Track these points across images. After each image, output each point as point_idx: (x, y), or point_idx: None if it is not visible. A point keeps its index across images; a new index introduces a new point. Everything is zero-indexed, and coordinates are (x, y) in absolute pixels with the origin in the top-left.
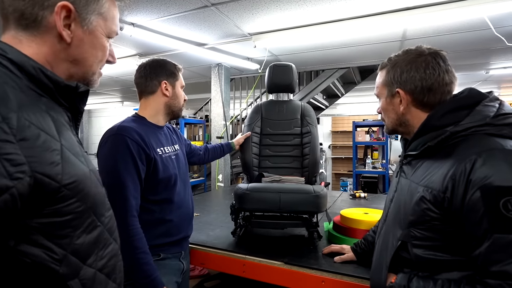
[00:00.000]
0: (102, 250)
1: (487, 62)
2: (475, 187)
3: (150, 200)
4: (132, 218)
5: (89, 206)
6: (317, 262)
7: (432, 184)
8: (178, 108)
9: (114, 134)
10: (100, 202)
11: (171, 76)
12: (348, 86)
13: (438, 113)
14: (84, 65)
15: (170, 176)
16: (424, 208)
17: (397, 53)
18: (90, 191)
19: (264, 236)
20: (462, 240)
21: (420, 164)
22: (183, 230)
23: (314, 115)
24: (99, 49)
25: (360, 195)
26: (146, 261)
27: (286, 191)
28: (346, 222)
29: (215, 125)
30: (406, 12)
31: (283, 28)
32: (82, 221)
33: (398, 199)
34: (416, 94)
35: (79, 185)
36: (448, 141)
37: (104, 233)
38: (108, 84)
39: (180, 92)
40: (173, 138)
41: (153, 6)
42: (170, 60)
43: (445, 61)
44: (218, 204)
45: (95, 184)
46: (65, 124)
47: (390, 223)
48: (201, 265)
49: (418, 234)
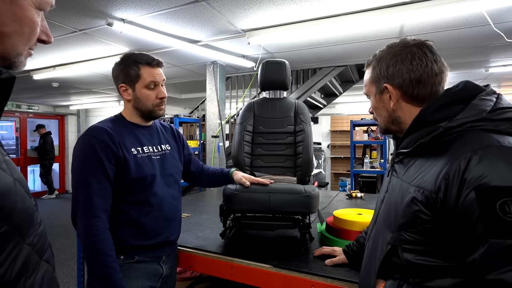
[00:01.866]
0: (31, 277)
1: (487, 60)
2: (470, 187)
3: (125, 200)
4: (95, 218)
5: (14, 226)
6: (307, 265)
7: (424, 184)
8: (146, 110)
9: (84, 135)
10: (28, 219)
11: (127, 79)
12: (346, 84)
13: (431, 108)
14: (4, 42)
15: (145, 177)
16: (416, 210)
17: (382, 48)
18: (15, 208)
19: (254, 238)
20: (455, 244)
21: (412, 163)
22: (162, 234)
23: (308, 113)
24: (24, 24)
25: (356, 195)
26: (105, 264)
27: (275, 191)
28: (339, 223)
29: (211, 124)
30: (403, 7)
31: (277, 24)
32: (4, 245)
33: (389, 200)
34: (405, 88)
35: (0, 201)
36: (442, 137)
37: (33, 257)
38: (103, 83)
39: (144, 93)
40: (165, 138)
41: (143, 1)
42: (135, 58)
43: (433, 51)
44: (211, 204)
45: (22, 197)
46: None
47: (380, 226)
48: (188, 268)
49: (409, 238)
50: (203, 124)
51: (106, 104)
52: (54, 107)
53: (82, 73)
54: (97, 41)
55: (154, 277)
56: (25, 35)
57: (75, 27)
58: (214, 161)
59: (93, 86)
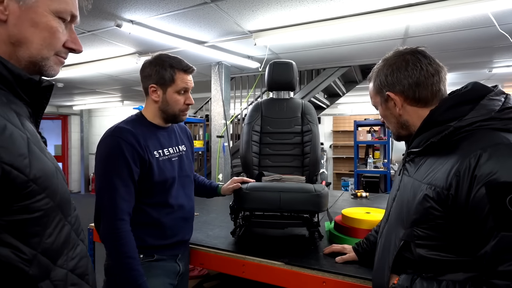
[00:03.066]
0: (71, 250)
1: (490, 61)
2: (480, 183)
3: (145, 202)
4: (120, 221)
5: (57, 204)
6: (318, 263)
7: (435, 182)
8: (171, 114)
9: (109, 136)
10: (67, 201)
11: (160, 82)
12: (349, 85)
13: (441, 108)
14: (29, 47)
15: (166, 180)
16: (428, 207)
17: (377, 63)
18: (57, 188)
19: (263, 236)
20: (467, 239)
21: (423, 161)
22: (178, 234)
23: (315, 113)
24: (42, 28)
25: (361, 195)
26: (131, 267)
27: (286, 190)
28: (348, 221)
29: (215, 124)
30: (408, 9)
31: (284, 25)
32: (51, 219)
33: (401, 197)
34: (406, 92)
35: (46, 180)
36: (452, 136)
37: (72, 233)
38: (108, 83)
39: (173, 97)
40: (181, 138)
41: (152, 3)
42: (171, 62)
43: (425, 55)
44: (218, 203)
45: (62, 182)
46: (27, 119)
47: (393, 223)
48: (200, 265)
49: (421, 234)
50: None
51: (109, 104)
52: (57, 107)
53: (87, 74)
54: (105, 42)
55: (172, 274)
56: (46, 40)
57: (84, 28)
58: (219, 161)
59: (97, 86)
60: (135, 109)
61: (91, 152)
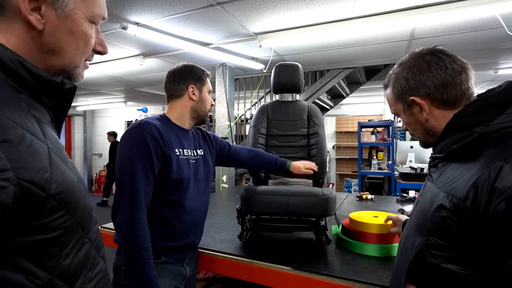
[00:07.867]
0: (90, 270)
1: (496, 62)
2: (501, 197)
3: (160, 200)
4: (139, 212)
5: (77, 220)
6: (327, 268)
7: (453, 191)
8: (204, 113)
9: (135, 127)
10: (88, 216)
11: (198, 81)
12: (353, 86)
13: (466, 111)
14: (62, 56)
15: (183, 178)
16: (444, 216)
17: (393, 68)
18: (79, 203)
19: (271, 240)
20: (485, 254)
21: (446, 167)
22: (189, 237)
23: (321, 116)
24: (79, 38)
25: (367, 197)
26: (145, 259)
27: (294, 194)
28: (356, 225)
29: (219, 126)
30: (416, 11)
31: (290, 27)
32: (69, 237)
33: (421, 204)
34: (433, 95)
35: (67, 195)
36: (477, 143)
37: (92, 251)
38: (112, 84)
39: (206, 97)
40: (199, 142)
41: (158, 6)
42: (198, 66)
43: (447, 53)
44: (223, 206)
45: (84, 195)
46: (49, 125)
47: (411, 229)
48: (207, 270)
49: (436, 243)
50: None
51: (112, 105)
52: None
53: (91, 75)
54: (110, 44)
55: (178, 278)
56: (80, 48)
57: None
58: None
59: (101, 87)
60: (139, 110)
61: (94, 152)
